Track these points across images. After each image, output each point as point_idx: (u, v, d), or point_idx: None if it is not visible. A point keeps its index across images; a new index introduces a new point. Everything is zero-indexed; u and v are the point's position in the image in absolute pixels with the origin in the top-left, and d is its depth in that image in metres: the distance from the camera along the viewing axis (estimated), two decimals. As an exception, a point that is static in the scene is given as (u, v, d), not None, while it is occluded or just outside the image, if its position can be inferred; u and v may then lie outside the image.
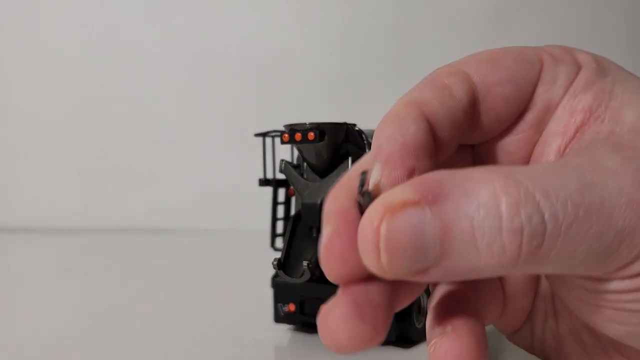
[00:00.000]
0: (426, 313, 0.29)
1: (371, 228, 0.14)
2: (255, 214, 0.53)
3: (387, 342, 0.28)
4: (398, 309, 0.18)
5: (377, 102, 0.86)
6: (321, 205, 0.26)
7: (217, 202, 0.80)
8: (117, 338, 0.32)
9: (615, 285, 0.15)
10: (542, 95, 0.19)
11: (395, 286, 0.16)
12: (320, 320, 0.15)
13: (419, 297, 0.29)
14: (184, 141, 0.83)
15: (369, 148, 0.27)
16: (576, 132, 0.18)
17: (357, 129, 0.28)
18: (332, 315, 0.15)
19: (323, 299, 0.30)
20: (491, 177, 0.14)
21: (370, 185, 0.15)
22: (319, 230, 0.28)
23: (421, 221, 0.13)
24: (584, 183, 0.14)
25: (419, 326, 0.29)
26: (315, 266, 0.26)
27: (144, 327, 0.34)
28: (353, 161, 0.26)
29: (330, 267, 0.15)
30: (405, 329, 0.28)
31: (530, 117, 0.19)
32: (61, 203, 0.84)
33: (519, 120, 0.19)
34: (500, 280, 0.21)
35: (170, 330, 0.33)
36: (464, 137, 0.19)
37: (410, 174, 0.15)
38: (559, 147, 0.18)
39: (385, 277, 0.14)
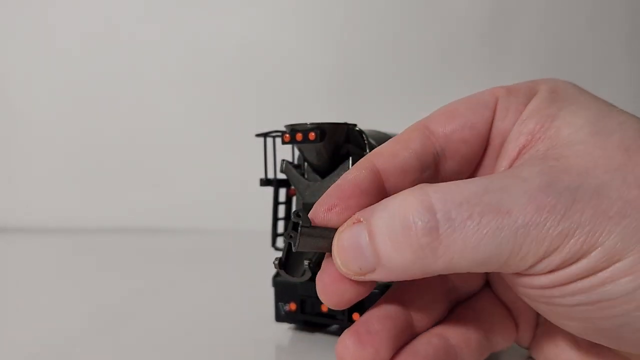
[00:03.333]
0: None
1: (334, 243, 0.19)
2: (256, 214, 0.53)
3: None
4: (421, 330, 0.22)
5: (377, 102, 0.86)
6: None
7: (217, 202, 0.80)
8: (116, 338, 0.32)
9: (541, 280, 0.17)
10: (498, 129, 0.21)
11: (407, 315, 0.22)
12: (335, 350, 0.20)
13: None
14: (184, 141, 0.83)
15: (370, 148, 0.28)
16: (519, 152, 0.20)
17: (357, 129, 0.28)
18: (341, 345, 0.20)
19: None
20: (407, 192, 0.18)
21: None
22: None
23: (357, 231, 0.18)
24: (484, 189, 0.17)
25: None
26: (316, 265, 0.26)
27: (144, 326, 0.34)
28: (354, 161, 0.26)
29: (322, 296, 0.20)
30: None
31: (491, 151, 0.22)
32: (61, 203, 0.84)
33: (485, 155, 0.22)
34: (503, 302, 0.24)
35: (171, 330, 0.33)
36: (439, 179, 0.22)
37: (330, 208, 0.20)
38: (505, 167, 0.21)
39: (349, 276, 0.19)
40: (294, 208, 0.33)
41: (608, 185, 0.17)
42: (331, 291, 0.20)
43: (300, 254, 0.27)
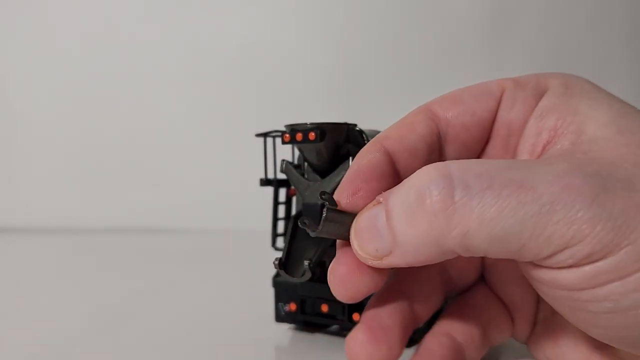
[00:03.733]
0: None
1: (352, 226, 0.19)
2: (256, 214, 0.53)
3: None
4: (419, 325, 0.22)
5: (377, 102, 0.86)
6: (322, 205, 0.26)
7: (217, 202, 0.80)
8: (116, 338, 0.32)
9: (567, 278, 0.16)
10: (503, 119, 0.21)
11: (410, 307, 0.21)
12: (346, 347, 0.20)
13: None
14: (184, 141, 0.83)
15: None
16: (544, 148, 0.19)
17: (357, 129, 0.28)
18: (353, 341, 0.19)
19: (324, 299, 0.30)
20: (427, 166, 0.17)
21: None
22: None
23: (375, 212, 0.18)
24: (507, 166, 0.16)
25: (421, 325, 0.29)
26: (316, 266, 0.26)
27: (144, 327, 0.34)
28: (354, 161, 0.26)
29: (336, 288, 0.19)
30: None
31: (496, 141, 0.21)
32: (61, 203, 0.84)
33: (487, 145, 0.22)
34: (498, 297, 0.24)
35: (171, 330, 0.33)
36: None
37: (355, 192, 0.19)
38: None
39: (366, 262, 0.18)
40: (294, 208, 0.33)
41: (639, 178, 0.16)
42: (346, 282, 0.19)
43: (300, 254, 0.27)
